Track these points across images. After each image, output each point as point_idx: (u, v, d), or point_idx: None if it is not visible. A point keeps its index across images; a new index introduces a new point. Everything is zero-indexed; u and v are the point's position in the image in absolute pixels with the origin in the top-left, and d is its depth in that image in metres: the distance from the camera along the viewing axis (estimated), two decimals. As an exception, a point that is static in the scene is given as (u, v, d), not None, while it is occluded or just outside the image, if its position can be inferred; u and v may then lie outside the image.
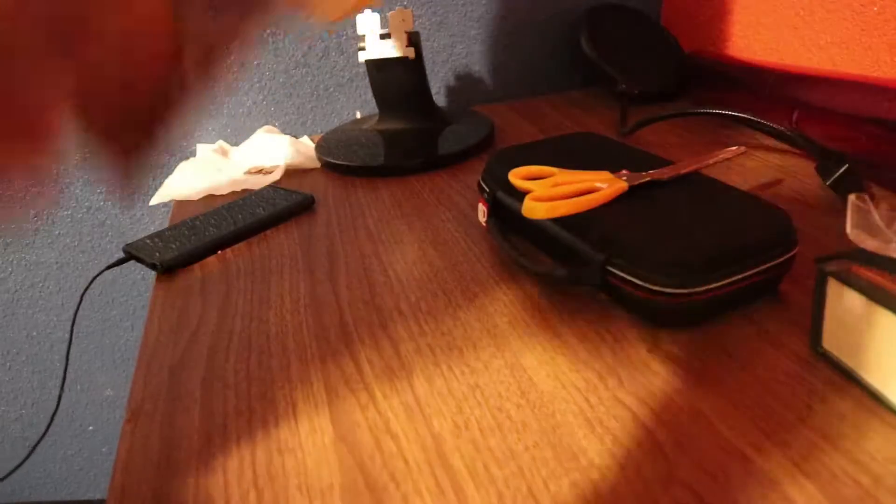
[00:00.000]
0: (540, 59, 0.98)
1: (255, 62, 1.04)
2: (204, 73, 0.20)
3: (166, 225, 0.81)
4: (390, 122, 0.81)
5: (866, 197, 0.35)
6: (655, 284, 0.40)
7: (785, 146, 0.65)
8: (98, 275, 0.73)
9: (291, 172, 0.75)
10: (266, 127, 0.82)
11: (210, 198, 0.71)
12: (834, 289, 0.35)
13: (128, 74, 0.18)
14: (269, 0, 0.20)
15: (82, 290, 0.94)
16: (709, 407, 0.35)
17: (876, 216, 0.34)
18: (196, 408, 0.39)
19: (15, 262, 1.04)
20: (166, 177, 0.82)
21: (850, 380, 0.35)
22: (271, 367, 0.42)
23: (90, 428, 1.25)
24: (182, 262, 0.56)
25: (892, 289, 0.32)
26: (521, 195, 0.46)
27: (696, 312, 0.41)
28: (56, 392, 1.19)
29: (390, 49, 0.77)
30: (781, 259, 0.41)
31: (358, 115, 0.69)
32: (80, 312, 1.12)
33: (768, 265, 0.41)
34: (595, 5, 0.90)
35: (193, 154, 0.93)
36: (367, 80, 0.91)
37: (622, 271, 0.41)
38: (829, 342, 0.36)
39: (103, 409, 1.24)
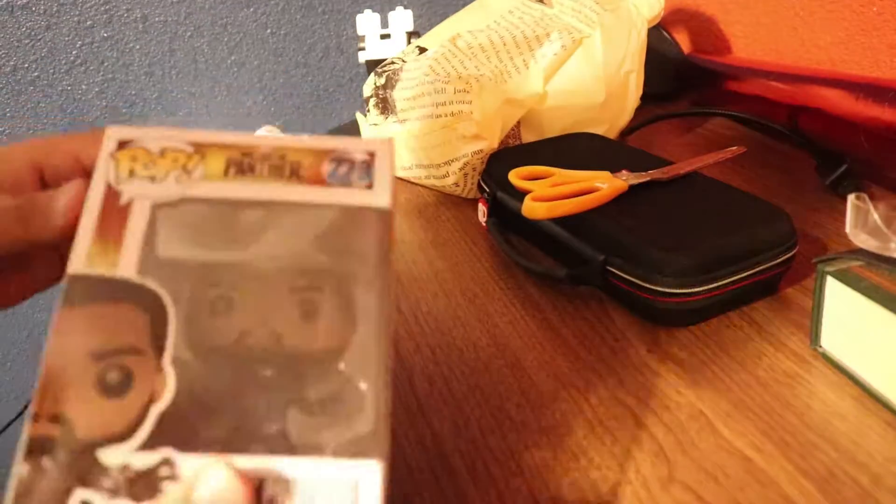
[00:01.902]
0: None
1: (256, 63, 1.04)
2: None
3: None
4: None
5: (866, 197, 0.35)
6: (655, 284, 0.40)
7: (784, 146, 0.65)
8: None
9: (291, 172, 0.75)
10: (266, 127, 0.82)
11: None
12: (833, 289, 0.35)
13: None
14: None
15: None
16: (709, 407, 0.35)
17: (875, 216, 0.34)
18: (196, 408, 0.39)
19: (15, 262, 1.04)
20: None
21: (849, 379, 0.35)
22: (271, 367, 0.42)
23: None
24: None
25: (891, 289, 0.32)
26: (521, 195, 0.46)
27: (696, 312, 0.41)
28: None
29: (390, 49, 0.77)
30: (781, 259, 0.41)
31: (358, 116, 0.69)
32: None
33: (768, 265, 0.41)
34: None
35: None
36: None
37: (622, 271, 0.41)
38: (829, 342, 0.36)
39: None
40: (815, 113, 0.61)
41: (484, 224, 0.54)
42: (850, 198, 0.35)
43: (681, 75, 0.82)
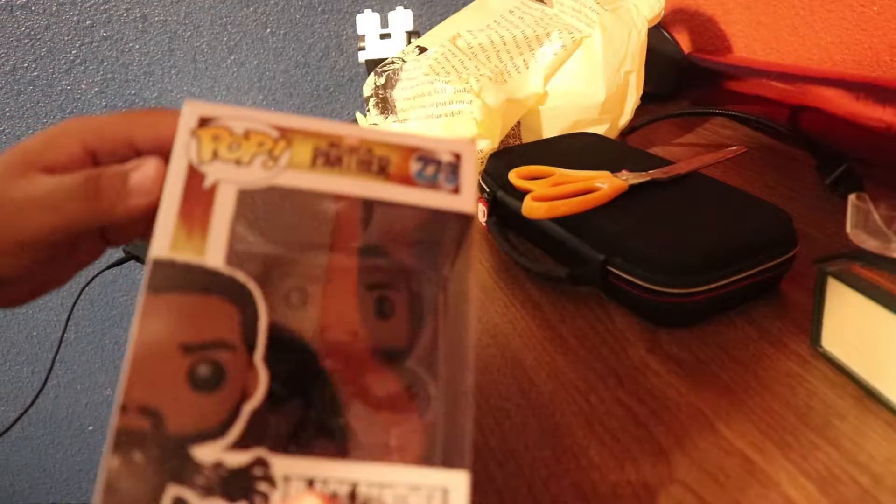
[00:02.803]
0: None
1: (255, 62, 1.04)
2: None
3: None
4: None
5: (866, 197, 0.35)
6: (655, 284, 0.40)
7: (785, 146, 0.65)
8: (98, 273, 0.73)
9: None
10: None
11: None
12: (834, 289, 0.35)
13: None
14: None
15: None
16: (709, 407, 0.35)
17: (876, 216, 0.34)
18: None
19: (15, 262, 1.04)
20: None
21: (849, 379, 0.35)
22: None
23: (90, 428, 1.25)
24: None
25: (891, 289, 0.32)
26: (521, 195, 0.46)
27: (696, 312, 0.41)
28: (55, 392, 1.19)
29: (390, 49, 0.77)
30: (781, 259, 0.41)
31: (358, 116, 0.69)
32: (79, 313, 1.12)
33: (768, 265, 0.41)
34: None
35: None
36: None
37: (622, 271, 0.41)
38: (829, 342, 0.36)
39: (103, 409, 1.24)
40: (815, 113, 0.60)
41: (484, 224, 0.54)
42: (851, 198, 0.35)
43: (681, 75, 0.82)
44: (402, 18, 0.77)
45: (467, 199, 0.25)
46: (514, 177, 0.49)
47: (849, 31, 0.66)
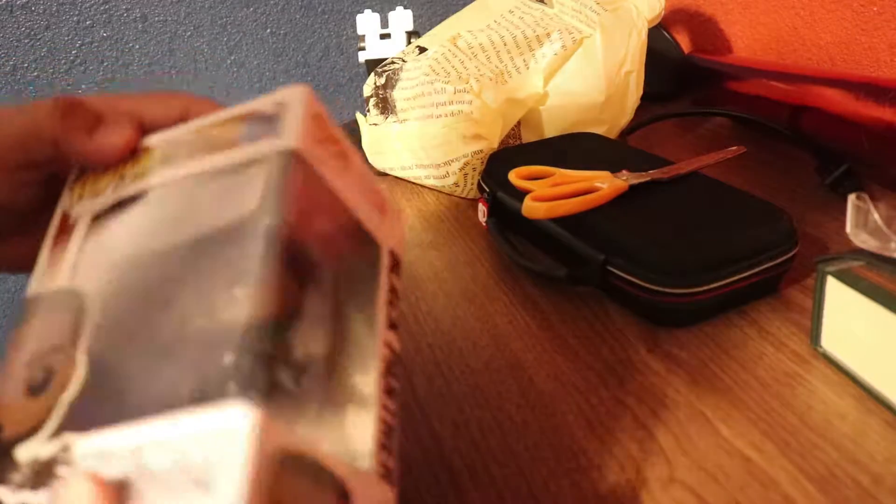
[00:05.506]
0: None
1: (255, 63, 1.04)
2: None
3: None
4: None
5: (866, 197, 0.35)
6: (655, 284, 0.40)
7: (785, 146, 0.65)
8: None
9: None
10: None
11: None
12: (834, 289, 0.35)
13: None
14: None
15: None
16: (709, 407, 0.35)
17: (876, 216, 0.34)
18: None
19: (15, 262, 1.03)
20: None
21: (849, 379, 0.35)
22: (271, 367, 0.42)
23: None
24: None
25: (892, 289, 0.32)
26: (521, 195, 0.46)
27: (696, 312, 0.41)
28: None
29: (390, 49, 0.77)
30: (781, 259, 0.41)
31: (358, 116, 0.69)
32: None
33: (768, 265, 0.41)
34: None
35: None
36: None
37: (622, 271, 0.41)
38: (829, 342, 0.36)
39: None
40: (815, 113, 0.60)
41: (484, 224, 0.54)
42: (851, 198, 0.35)
43: (681, 75, 0.82)
44: (402, 18, 0.77)
45: (285, 137, 0.23)
46: (514, 177, 0.49)
47: (849, 31, 0.66)
